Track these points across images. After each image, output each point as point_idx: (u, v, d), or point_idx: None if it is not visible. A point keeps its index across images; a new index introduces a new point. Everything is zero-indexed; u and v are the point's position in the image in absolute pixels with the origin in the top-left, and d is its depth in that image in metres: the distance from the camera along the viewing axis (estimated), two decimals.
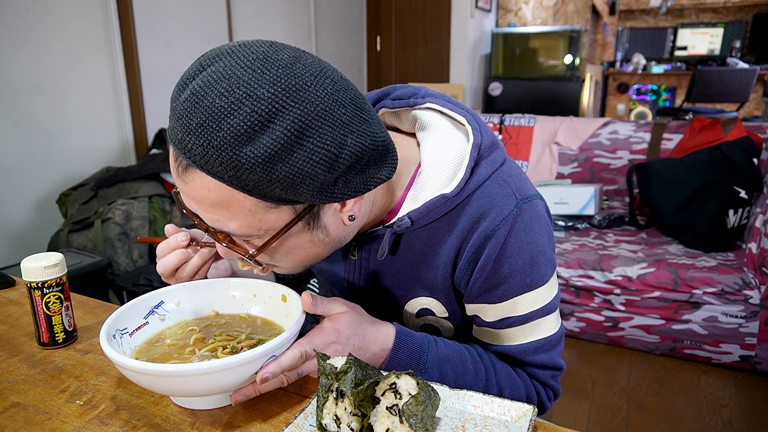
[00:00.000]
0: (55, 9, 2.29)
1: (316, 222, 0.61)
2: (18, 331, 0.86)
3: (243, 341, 0.71)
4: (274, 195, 0.54)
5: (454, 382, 0.72)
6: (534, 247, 0.70)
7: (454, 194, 0.68)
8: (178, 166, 0.55)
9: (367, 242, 0.76)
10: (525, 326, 0.73)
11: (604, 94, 6.81)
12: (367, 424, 0.57)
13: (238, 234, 0.58)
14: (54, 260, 0.78)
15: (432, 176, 0.70)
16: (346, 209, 0.62)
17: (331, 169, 0.54)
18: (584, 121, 2.93)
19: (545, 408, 0.79)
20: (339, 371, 0.58)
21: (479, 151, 0.69)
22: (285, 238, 0.60)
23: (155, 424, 0.63)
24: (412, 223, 0.69)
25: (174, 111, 0.54)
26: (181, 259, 0.74)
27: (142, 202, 2.20)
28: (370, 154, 0.58)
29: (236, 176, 0.52)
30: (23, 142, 2.23)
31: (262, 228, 0.58)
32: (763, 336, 1.97)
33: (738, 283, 2.00)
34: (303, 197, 0.55)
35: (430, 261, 0.73)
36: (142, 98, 2.66)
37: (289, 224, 0.59)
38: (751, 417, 1.81)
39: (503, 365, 0.76)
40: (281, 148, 0.51)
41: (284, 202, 0.56)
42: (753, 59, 6.07)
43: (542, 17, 5.62)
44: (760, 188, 2.30)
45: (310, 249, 0.64)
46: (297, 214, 0.59)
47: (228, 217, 0.56)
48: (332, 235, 0.64)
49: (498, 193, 0.69)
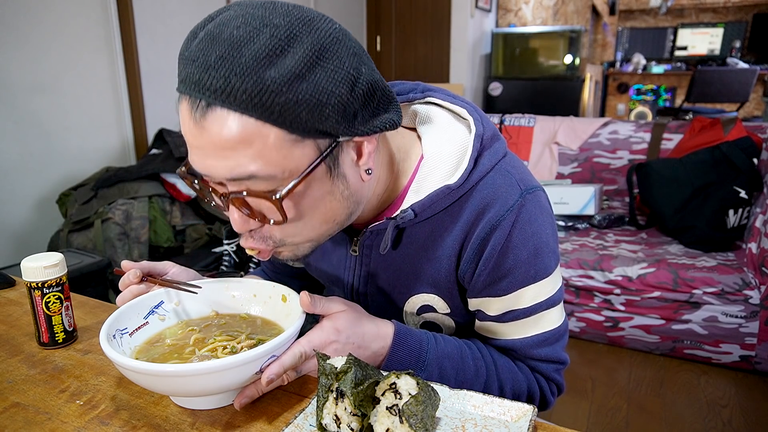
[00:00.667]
0: (55, 9, 2.29)
1: (337, 168, 0.59)
2: (18, 331, 0.86)
3: (243, 341, 0.71)
4: (300, 121, 0.52)
5: (455, 379, 0.72)
6: (538, 239, 0.70)
7: (458, 185, 0.67)
8: (195, 111, 0.53)
9: (369, 237, 0.75)
10: (529, 319, 0.73)
11: (604, 94, 6.81)
12: (367, 424, 0.57)
13: (261, 175, 0.54)
14: (54, 260, 0.78)
15: (435, 167, 0.69)
16: (363, 161, 0.61)
17: (352, 91, 0.55)
18: (584, 121, 2.93)
19: (548, 403, 0.79)
20: (339, 371, 0.58)
21: (482, 141, 0.69)
22: (308, 184, 0.58)
23: (155, 424, 0.63)
24: (415, 215, 0.69)
25: (187, 58, 0.53)
26: (135, 294, 0.75)
27: (142, 202, 2.20)
28: (381, 92, 0.59)
29: (261, 103, 0.51)
30: (23, 142, 2.23)
31: (286, 168, 0.55)
32: (763, 336, 1.97)
33: (738, 283, 2.00)
34: (328, 122, 0.54)
35: (433, 255, 0.72)
36: (142, 98, 2.66)
37: (313, 164, 0.56)
38: (751, 417, 1.81)
39: (505, 360, 0.76)
40: (304, 68, 0.51)
41: (309, 132, 0.54)
42: (753, 59, 6.07)
43: (542, 17, 5.62)
44: (760, 188, 2.30)
45: (330, 203, 0.61)
46: (320, 153, 0.56)
47: (251, 157, 0.53)
48: (352, 188, 0.62)
49: (502, 183, 0.69)
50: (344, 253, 0.80)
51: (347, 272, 0.80)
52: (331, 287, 0.88)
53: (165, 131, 2.51)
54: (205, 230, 2.33)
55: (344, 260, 0.80)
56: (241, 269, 2.22)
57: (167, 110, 2.85)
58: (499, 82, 4.78)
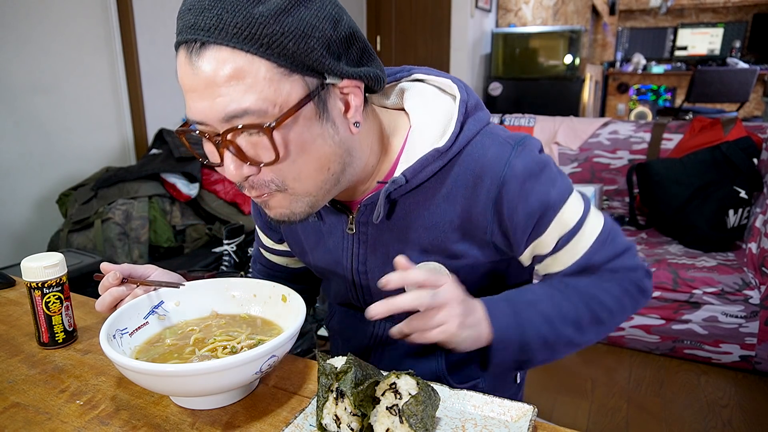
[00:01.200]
0: (56, 9, 2.29)
1: (326, 111, 0.61)
2: (18, 331, 0.86)
3: (243, 341, 0.71)
4: (287, 53, 0.56)
5: (557, 314, 0.73)
6: (548, 168, 0.72)
7: (446, 148, 0.69)
8: (191, 54, 0.56)
9: (364, 213, 0.75)
10: (579, 234, 0.74)
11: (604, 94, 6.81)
12: (367, 424, 0.57)
13: (254, 110, 0.56)
14: (54, 260, 0.78)
15: (422, 134, 0.72)
16: (350, 113, 0.64)
17: (335, 29, 0.58)
18: (584, 121, 2.93)
19: (646, 289, 0.79)
20: (339, 371, 0.58)
21: (466, 108, 0.72)
22: (299, 121, 0.59)
23: (155, 424, 0.63)
24: (406, 180, 0.70)
25: (184, 11, 0.57)
26: (115, 297, 0.76)
27: (142, 202, 2.20)
28: (363, 43, 0.63)
29: (251, 35, 0.54)
30: (23, 142, 2.23)
31: (276, 103, 0.57)
32: (763, 336, 1.97)
33: (738, 283, 2.00)
34: (313, 56, 0.57)
35: (429, 222, 0.73)
36: (142, 98, 2.66)
37: (303, 100, 0.59)
38: (751, 417, 1.81)
39: (582, 279, 0.77)
40: (289, 5, 0.55)
41: (297, 65, 0.57)
42: (753, 59, 6.07)
43: (542, 17, 5.62)
44: (760, 188, 2.30)
45: (322, 147, 0.62)
46: (310, 91, 0.59)
47: (243, 91, 0.56)
48: (342, 135, 0.64)
49: (491, 144, 0.71)
50: (341, 235, 0.79)
51: (345, 253, 0.80)
52: (330, 276, 0.87)
53: (165, 131, 2.51)
54: (205, 230, 2.33)
55: (341, 242, 0.80)
56: (241, 269, 2.22)
57: (167, 110, 2.85)
58: (499, 82, 4.78)
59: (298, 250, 0.89)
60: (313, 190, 0.65)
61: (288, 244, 0.91)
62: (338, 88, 0.62)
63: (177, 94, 2.90)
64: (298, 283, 1.00)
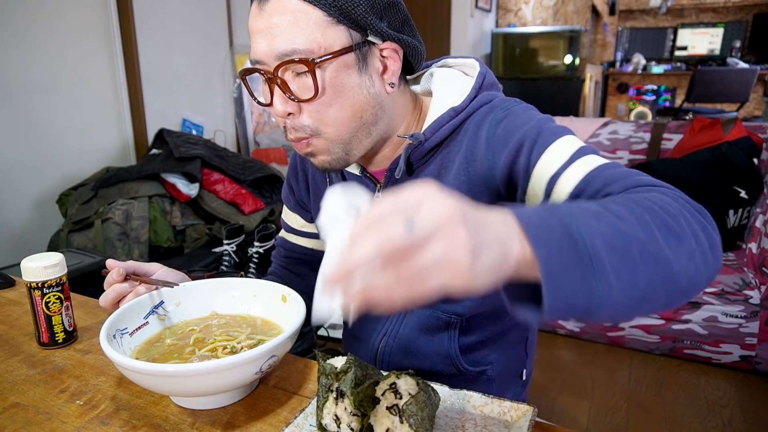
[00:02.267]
0: (55, 9, 2.29)
1: (365, 66, 0.69)
2: (18, 331, 0.86)
3: (243, 341, 0.71)
4: (337, 3, 0.65)
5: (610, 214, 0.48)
6: (541, 114, 0.75)
7: (462, 107, 0.75)
8: (260, 3, 0.66)
9: (390, 178, 0.79)
10: (591, 155, 0.66)
11: (604, 94, 6.80)
12: (367, 424, 0.57)
13: (302, 49, 0.65)
14: (54, 260, 0.78)
15: (443, 100, 0.78)
16: (387, 75, 0.72)
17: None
18: (584, 121, 2.93)
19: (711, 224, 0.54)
20: (339, 371, 0.58)
21: (484, 79, 0.79)
22: (340, 66, 0.67)
23: (155, 424, 0.63)
24: (426, 139, 0.75)
25: None
26: (118, 293, 0.78)
27: (142, 202, 2.20)
28: (405, 13, 0.72)
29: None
30: (23, 142, 2.23)
31: (322, 45, 0.65)
32: (764, 336, 1.97)
33: (738, 283, 2.00)
34: (359, 10, 0.65)
35: (446, 180, 0.77)
36: (142, 98, 2.66)
37: (345, 49, 0.67)
38: (751, 417, 1.81)
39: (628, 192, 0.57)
40: None
41: (343, 16, 0.65)
42: (753, 59, 6.06)
43: (542, 17, 5.62)
44: (760, 188, 2.30)
45: (358, 96, 0.70)
46: (353, 43, 0.67)
47: (296, 32, 0.65)
48: (377, 88, 0.71)
49: (499, 104, 0.77)
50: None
51: None
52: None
53: (165, 131, 2.51)
54: (205, 230, 2.33)
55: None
56: (241, 269, 2.22)
57: (167, 110, 2.85)
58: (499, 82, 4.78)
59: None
60: (346, 136, 0.71)
61: (316, 220, 0.93)
62: (378, 48, 0.70)
63: (177, 94, 2.90)
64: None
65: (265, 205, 2.53)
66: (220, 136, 3.19)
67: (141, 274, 0.81)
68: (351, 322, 0.97)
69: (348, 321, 0.95)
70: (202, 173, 2.40)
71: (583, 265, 0.43)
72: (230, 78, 3.25)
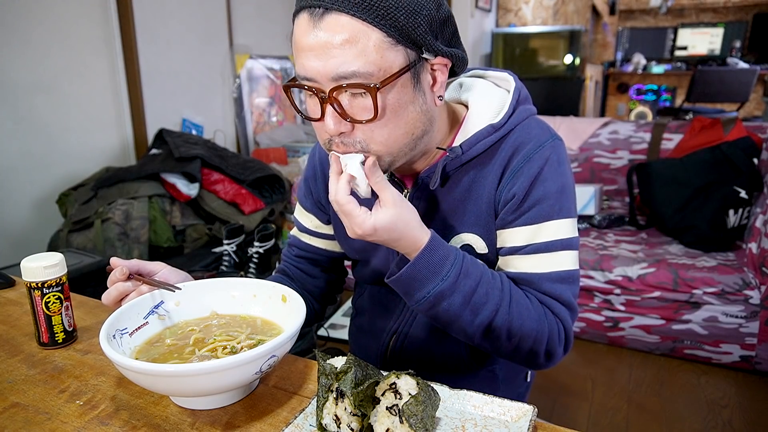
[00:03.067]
0: (56, 9, 2.29)
1: (418, 82, 0.69)
2: (18, 331, 0.86)
3: (243, 341, 0.71)
4: (398, 25, 0.63)
5: (469, 297, 0.73)
6: (565, 179, 0.77)
7: (501, 124, 0.77)
8: (313, 17, 0.63)
9: (420, 186, 0.81)
10: (547, 254, 0.76)
11: (604, 94, 6.81)
12: (367, 424, 0.57)
13: (362, 72, 0.63)
14: (54, 260, 0.78)
15: (479, 114, 0.80)
16: (436, 87, 0.72)
17: (437, 10, 0.67)
18: (584, 121, 2.93)
19: (555, 352, 0.78)
20: (339, 371, 0.58)
21: (520, 95, 0.81)
22: (398, 86, 0.67)
23: (155, 424, 0.63)
24: (463, 152, 0.77)
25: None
26: (121, 291, 0.77)
27: (142, 202, 2.20)
28: (455, 26, 0.73)
29: (369, 6, 0.62)
30: (23, 142, 2.23)
31: (381, 67, 0.64)
32: (764, 336, 1.97)
33: (738, 283, 2.00)
34: (418, 31, 0.65)
35: (476, 195, 0.79)
36: (142, 98, 2.66)
37: (403, 69, 0.66)
38: (751, 417, 1.81)
39: (521, 293, 0.77)
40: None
41: (403, 37, 0.64)
42: (753, 59, 6.06)
43: (542, 17, 5.62)
44: (760, 188, 2.30)
45: (412, 113, 0.70)
46: (408, 63, 0.66)
47: (355, 55, 0.63)
48: (428, 104, 0.72)
49: (536, 127, 0.79)
50: None
51: None
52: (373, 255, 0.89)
53: (165, 131, 2.51)
54: (205, 230, 2.33)
55: None
56: (241, 269, 2.22)
57: (167, 110, 2.85)
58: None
59: (343, 232, 0.91)
60: (395, 152, 0.72)
61: (334, 225, 0.93)
62: (430, 63, 0.70)
63: (177, 94, 2.90)
64: (331, 271, 1.02)
65: (265, 205, 2.53)
66: (220, 136, 3.20)
67: (145, 273, 0.80)
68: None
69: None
70: (202, 173, 2.40)
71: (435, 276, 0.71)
72: (230, 78, 3.25)
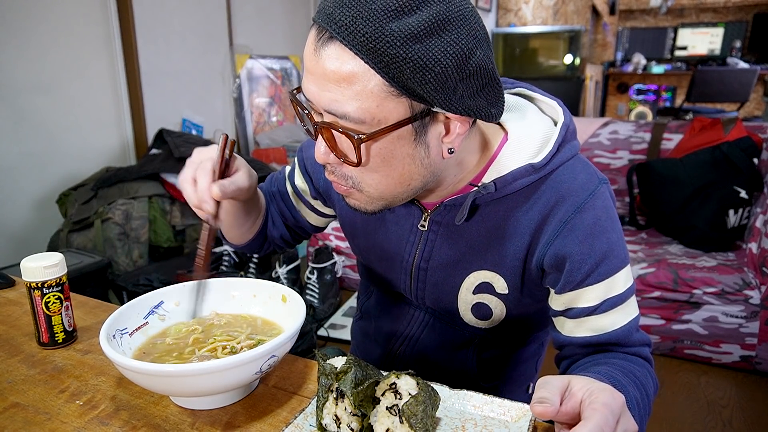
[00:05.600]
0: (56, 9, 2.29)
1: (423, 135, 0.61)
2: (18, 331, 0.86)
3: (243, 341, 0.71)
4: (403, 77, 0.55)
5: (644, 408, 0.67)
6: (619, 224, 0.72)
7: (541, 165, 0.69)
8: (318, 39, 0.57)
9: (442, 212, 0.75)
10: (624, 305, 0.71)
11: (604, 94, 6.81)
12: (367, 424, 0.57)
13: (353, 117, 0.58)
14: (54, 260, 0.78)
15: (519, 148, 0.71)
16: (448, 139, 0.63)
17: (458, 68, 0.57)
18: (584, 121, 2.93)
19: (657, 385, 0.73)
20: (339, 371, 0.58)
21: (567, 131, 0.72)
22: (392, 140, 0.60)
23: (155, 424, 0.63)
24: (496, 189, 0.70)
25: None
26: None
27: (142, 202, 2.20)
28: (488, 78, 0.61)
29: (375, 48, 0.54)
30: (23, 141, 2.23)
31: (376, 117, 0.58)
32: (764, 336, 1.97)
33: (738, 283, 2.00)
34: (426, 88, 0.56)
35: (505, 233, 0.73)
36: (142, 98, 2.66)
37: (402, 122, 0.59)
38: (751, 417, 1.81)
39: (636, 369, 0.70)
40: (423, 31, 0.54)
41: (406, 90, 0.57)
42: (753, 59, 6.07)
43: (542, 17, 5.62)
44: (760, 188, 2.30)
45: (409, 166, 0.63)
46: (412, 114, 0.59)
47: (350, 96, 0.57)
48: (431, 157, 0.64)
49: (582, 170, 0.71)
50: (409, 228, 0.79)
51: (409, 247, 0.80)
52: (382, 264, 0.86)
53: (165, 131, 2.51)
54: None
55: (408, 235, 0.80)
56: (241, 269, 2.22)
57: (167, 110, 2.84)
58: None
59: (350, 230, 0.88)
60: (388, 197, 0.67)
61: (340, 220, 0.90)
62: (444, 115, 0.62)
63: (177, 94, 2.90)
64: (298, 232, 0.98)
65: None
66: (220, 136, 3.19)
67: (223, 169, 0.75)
68: None
69: None
70: None
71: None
72: (230, 78, 3.25)
